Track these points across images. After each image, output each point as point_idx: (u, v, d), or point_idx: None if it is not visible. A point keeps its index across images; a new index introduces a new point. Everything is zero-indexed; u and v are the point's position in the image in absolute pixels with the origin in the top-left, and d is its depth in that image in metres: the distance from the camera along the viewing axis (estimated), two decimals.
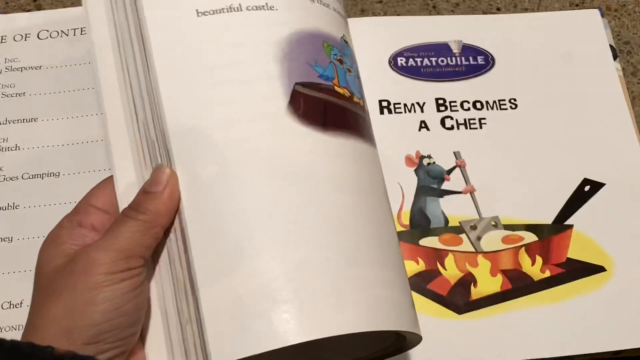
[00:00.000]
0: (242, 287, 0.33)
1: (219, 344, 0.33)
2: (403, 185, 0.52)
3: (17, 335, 0.45)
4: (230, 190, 0.34)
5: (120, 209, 0.37)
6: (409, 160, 0.53)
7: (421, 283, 0.49)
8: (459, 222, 0.51)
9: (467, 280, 0.49)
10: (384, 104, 0.55)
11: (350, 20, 0.44)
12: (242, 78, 0.36)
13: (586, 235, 0.51)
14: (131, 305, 0.34)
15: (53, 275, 0.35)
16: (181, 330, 0.35)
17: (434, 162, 0.53)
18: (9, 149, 0.51)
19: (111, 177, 0.38)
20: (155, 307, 0.36)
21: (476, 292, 0.49)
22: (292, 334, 0.33)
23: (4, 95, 0.53)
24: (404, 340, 0.38)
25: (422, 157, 0.53)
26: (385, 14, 0.59)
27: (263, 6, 0.37)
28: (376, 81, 0.55)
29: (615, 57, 0.57)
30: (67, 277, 0.34)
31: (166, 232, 0.36)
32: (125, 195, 0.37)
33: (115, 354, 0.34)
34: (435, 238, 0.51)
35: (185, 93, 0.36)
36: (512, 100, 0.55)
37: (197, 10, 0.36)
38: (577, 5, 0.61)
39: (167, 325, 0.36)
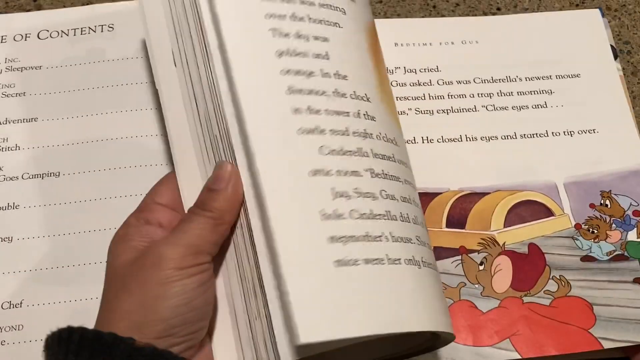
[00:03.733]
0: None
1: (288, 340, 0.32)
2: None
3: (18, 335, 0.45)
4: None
5: (185, 205, 0.37)
6: None
7: None
8: None
9: None
10: None
11: None
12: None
13: None
14: (200, 300, 0.34)
15: (123, 269, 0.35)
16: (250, 326, 0.35)
17: None
18: (9, 149, 0.51)
19: (173, 173, 0.38)
20: (223, 303, 0.36)
21: None
22: (357, 329, 0.32)
23: (4, 95, 0.53)
24: (437, 339, 0.38)
25: None
26: (385, 14, 0.59)
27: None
28: None
29: (615, 57, 0.57)
30: (137, 271, 0.34)
31: (232, 228, 0.35)
32: (189, 191, 0.36)
33: (185, 348, 0.34)
34: None
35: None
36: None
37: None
38: (577, 5, 0.61)
39: (236, 321, 0.36)
